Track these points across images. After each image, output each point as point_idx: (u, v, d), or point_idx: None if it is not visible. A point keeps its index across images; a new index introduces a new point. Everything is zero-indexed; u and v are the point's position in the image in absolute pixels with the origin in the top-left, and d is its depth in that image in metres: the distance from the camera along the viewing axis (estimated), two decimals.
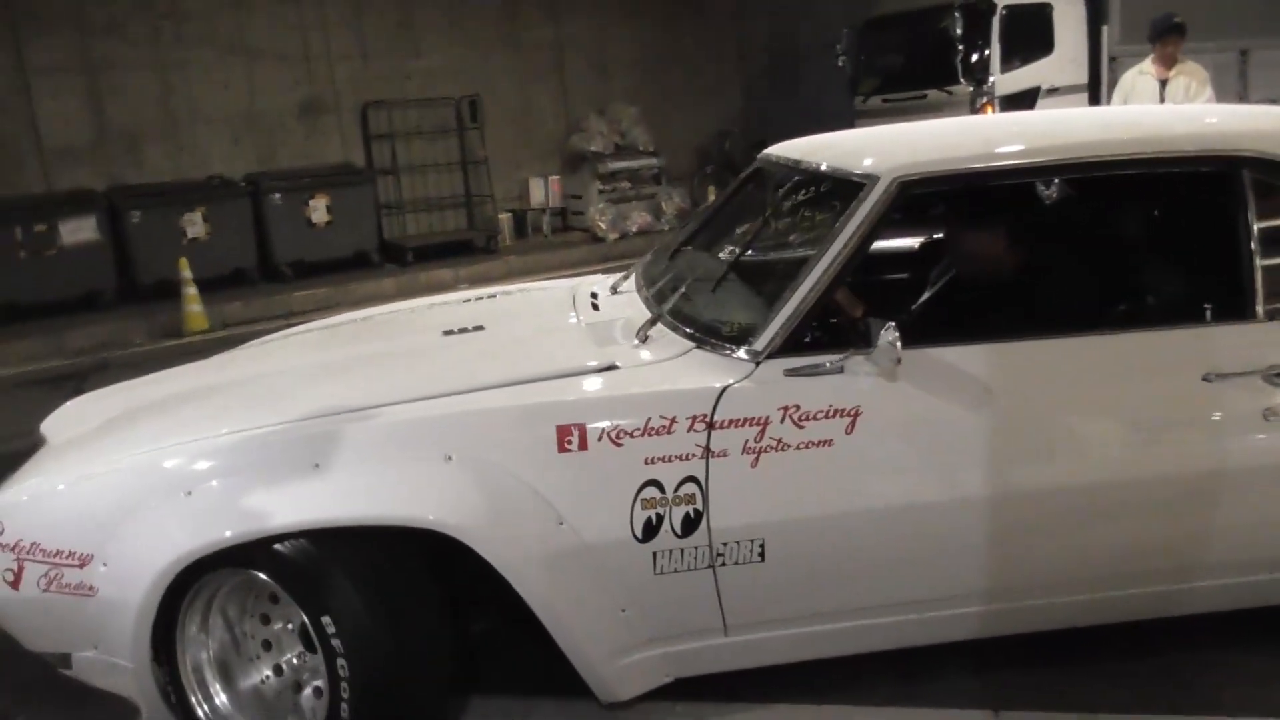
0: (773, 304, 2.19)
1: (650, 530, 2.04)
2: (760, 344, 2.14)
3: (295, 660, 2.23)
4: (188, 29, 9.36)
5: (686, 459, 2.03)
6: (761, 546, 2.08)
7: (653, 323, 2.40)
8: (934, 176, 2.22)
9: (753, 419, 2.05)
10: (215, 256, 8.66)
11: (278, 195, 9.10)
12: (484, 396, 2.15)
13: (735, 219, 2.93)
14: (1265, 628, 2.46)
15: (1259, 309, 2.15)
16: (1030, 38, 9.64)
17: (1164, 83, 6.46)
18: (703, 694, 2.39)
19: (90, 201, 8.37)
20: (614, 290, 2.96)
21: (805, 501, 2.07)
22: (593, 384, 2.18)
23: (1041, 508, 2.14)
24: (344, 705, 2.05)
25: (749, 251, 2.63)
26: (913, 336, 2.09)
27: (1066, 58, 9.79)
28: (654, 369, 2.21)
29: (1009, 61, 9.59)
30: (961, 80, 9.61)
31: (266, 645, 2.25)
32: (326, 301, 8.36)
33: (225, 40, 9.56)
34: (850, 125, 11.09)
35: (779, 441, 2.05)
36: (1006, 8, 9.52)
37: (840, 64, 10.88)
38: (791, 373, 2.10)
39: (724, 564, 2.09)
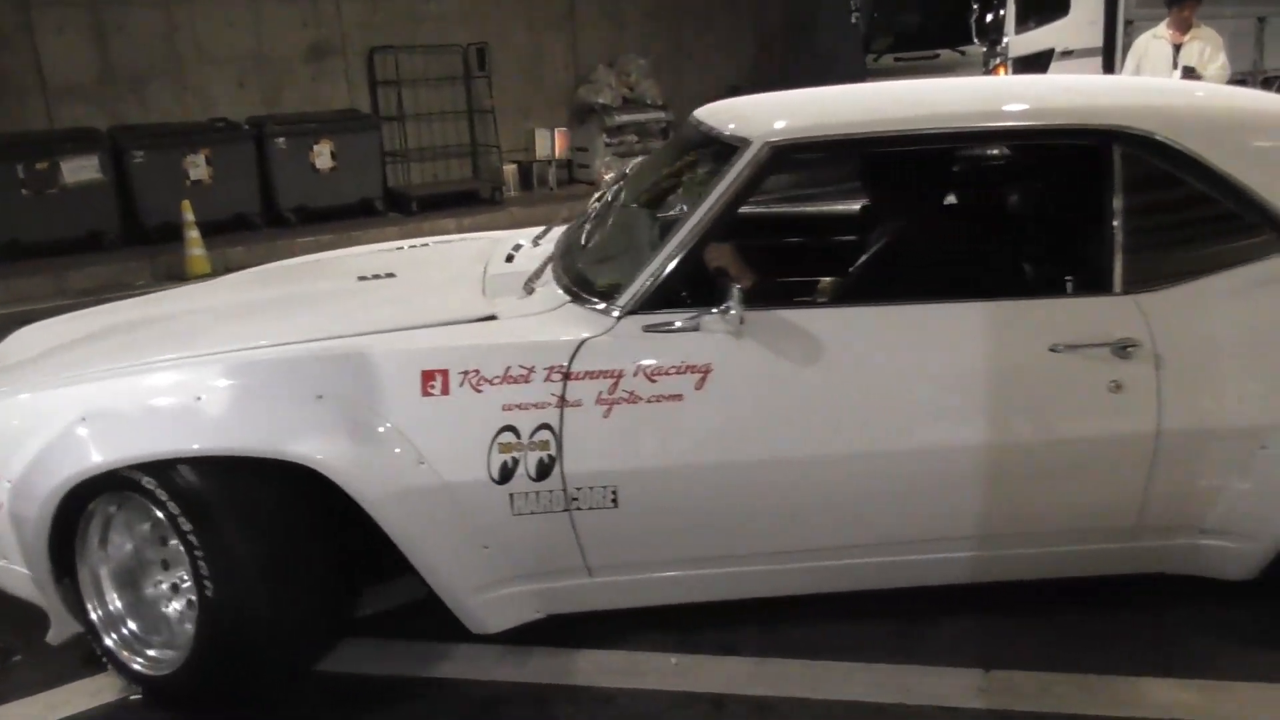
0: (643, 262, 2.28)
1: (506, 473, 2.15)
2: (623, 300, 2.23)
3: (185, 576, 2.34)
4: None
5: (542, 407, 2.14)
6: (614, 493, 2.18)
7: (537, 275, 2.51)
8: (804, 142, 2.27)
9: (607, 372, 2.14)
10: (218, 200, 8.64)
11: (282, 140, 9.06)
12: (361, 341, 2.27)
13: (652, 179, 2.98)
14: (1258, 591, 2.47)
15: (1117, 283, 2.16)
16: None
17: (1178, 48, 6.39)
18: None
19: (93, 140, 8.38)
20: (535, 243, 3.01)
21: (654, 453, 2.17)
22: (464, 333, 2.28)
23: (878, 469, 2.21)
24: (207, 620, 2.18)
25: (646, 210, 2.70)
26: (771, 298, 2.23)
27: (1083, 20, 9.64)
28: (527, 320, 2.32)
29: (1024, 22, 9.47)
30: (975, 40, 9.49)
31: (164, 562, 2.39)
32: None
33: None
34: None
35: (631, 394, 2.14)
36: None
37: (854, 20, 10.75)
38: (649, 329, 2.19)
39: (579, 508, 2.19)
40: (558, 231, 2.98)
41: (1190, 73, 6.22)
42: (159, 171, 8.48)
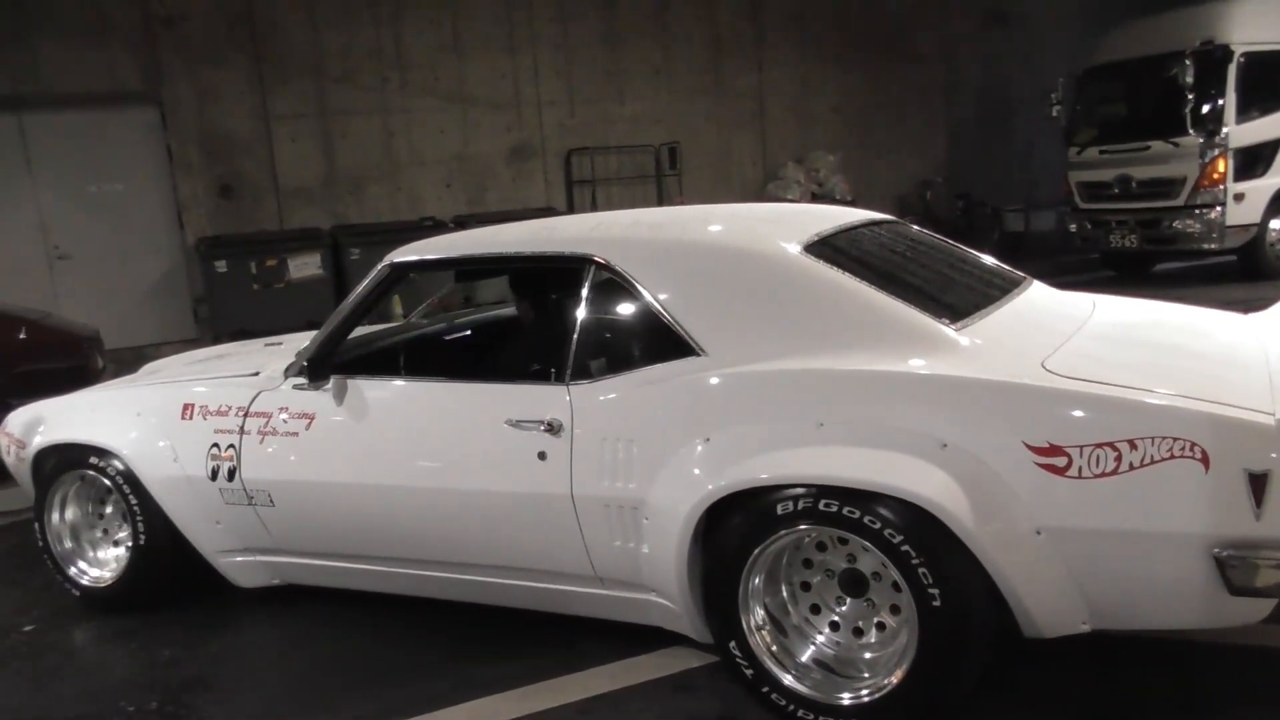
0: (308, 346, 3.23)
1: (215, 474, 3.16)
2: (290, 369, 3.17)
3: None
4: (412, 78, 10.02)
5: (231, 432, 3.16)
6: (270, 496, 3.10)
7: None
8: (414, 263, 3.14)
9: (264, 412, 3.12)
10: (424, 294, 9.09)
11: None
12: (181, 382, 3.40)
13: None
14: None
15: (566, 375, 2.72)
16: (1272, 86, 8.91)
17: None
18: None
19: (316, 239, 9.04)
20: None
21: (286, 470, 3.06)
22: (224, 383, 3.31)
23: (400, 500, 2.90)
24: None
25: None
26: (358, 371, 3.09)
27: None
28: (260, 377, 3.25)
29: (1246, 112, 8.89)
30: (1190, 131, 8.97)
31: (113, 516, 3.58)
32: None
33: (445, 89, 10.16)
34: (1063, 177, 10.58)
35: (275, 429, 3.08)
36: (1245, 54, 8.84)
37: (1054, 114, 10.38)
38: (296, 387, 3.11)
39: (255, 504, 3.14)
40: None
41: None
42: (373, 267, 9.03)
